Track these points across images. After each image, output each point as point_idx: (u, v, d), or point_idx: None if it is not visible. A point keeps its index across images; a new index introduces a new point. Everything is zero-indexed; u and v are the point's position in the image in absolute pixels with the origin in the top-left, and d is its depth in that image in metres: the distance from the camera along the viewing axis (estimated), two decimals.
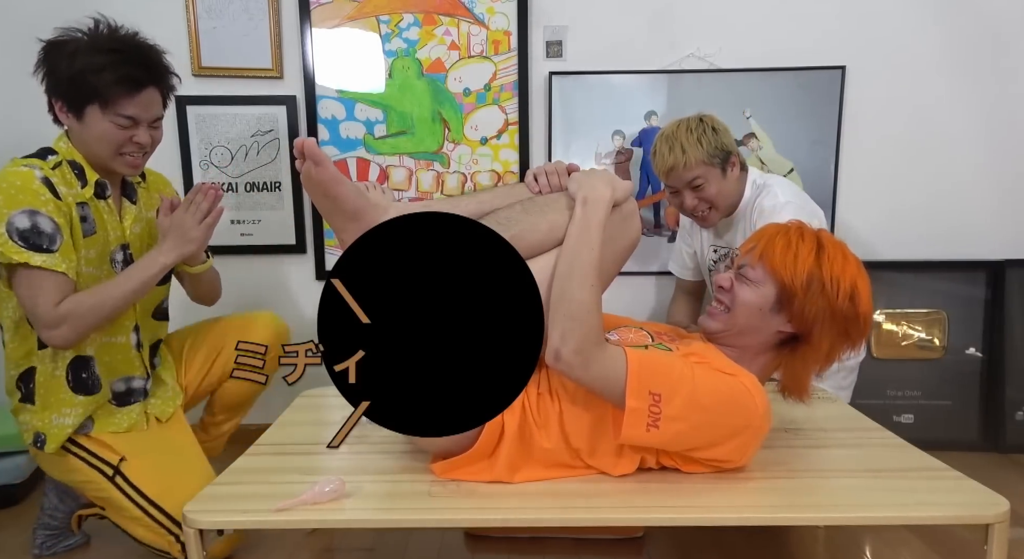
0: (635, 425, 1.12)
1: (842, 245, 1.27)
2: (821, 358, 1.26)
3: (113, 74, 1.42)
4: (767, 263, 1.25)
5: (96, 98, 1.43)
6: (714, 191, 1.81)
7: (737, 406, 1.15)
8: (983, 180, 2.29)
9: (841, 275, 1.21)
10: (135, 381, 1.61)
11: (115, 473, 1.52)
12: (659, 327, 1.43)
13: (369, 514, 1.14)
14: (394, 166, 2.31)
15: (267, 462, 1.31)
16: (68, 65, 1.43)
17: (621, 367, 1.12)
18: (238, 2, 2.21)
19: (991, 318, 2.27)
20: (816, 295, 1.20)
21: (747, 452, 1.21)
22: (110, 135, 1.47)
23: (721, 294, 1.31)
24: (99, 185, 1.53)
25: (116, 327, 1.56)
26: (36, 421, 1.52)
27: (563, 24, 2.25)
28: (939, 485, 1.18)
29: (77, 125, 1.48)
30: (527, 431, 1.21)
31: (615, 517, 1.14)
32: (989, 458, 2.20)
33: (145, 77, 1.47)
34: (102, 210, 1.53)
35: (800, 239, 1.25)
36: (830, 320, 1.22)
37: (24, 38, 2.23)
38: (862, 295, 1.23)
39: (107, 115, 1.45)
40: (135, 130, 1.49)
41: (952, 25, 2.22)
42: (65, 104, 1.47)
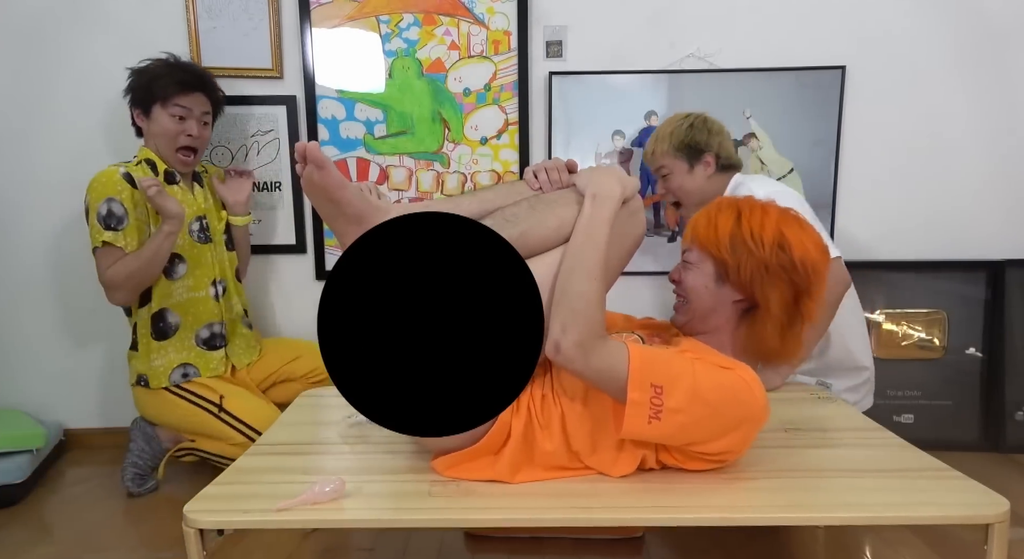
0: (637, 416, 1.12)
1: (763, 204, 1.28)
2: (779, 314, 1.23)
3: (171, 79, 1.93)
4: (696, 241, 1.29)
5: (159, 96, 1.92)
6: (676, 184, 1.91)
7: (737, 399, 1.15)
8: (983, 180, 2.29)
9: (761, 228, 1.22)
10: (215, 326, 2.03)
11: (220, 409, 1.95)
12: (648, 326, 1.44)
13: (369, 514, 1.14)
14: (394, 166, 2.31)
15: (267, 462, 1.31)
16: (143, 80, 1.95)
17: (622, 359, 1.12)
18: (238, 2, 2.21)
19: (991, 318, 2.27)
20: (743, 254, 1.22)
21: (746, 444, 1.21)
22: (169, 127, 1.93)
23: (676, 288, 1.34)
24: (168, 174, 1.97)
25: (196, 283, 2.00)
26: (139, 364, 1.98)
27: (563, 24, 2.25)
28: (939, 485, 1.17)
29: (147, 124, 1.96)
30: (531, 433, 1.21)
31: (614, 517, 1.14)
32: (989, 458, 2.20)
33: (195, 82, 1.97)
34: (175, 193, 1.96)
35: (718, 211, 1.29)
36: (766, 273, 1.21)
37: (22, 37, 2.24)
38: (791, 241, 1.21)
39: (166, 108, 1.93)
40: (187, 123, 1.94)
41: (952, 25, 2.22)
42: (140, 109, 1.96)
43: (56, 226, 2.31)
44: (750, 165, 2.23)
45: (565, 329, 1.13)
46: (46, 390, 2.38)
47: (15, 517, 1.90)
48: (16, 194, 2.29)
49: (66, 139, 2.27)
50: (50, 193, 2.29)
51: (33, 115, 2.27)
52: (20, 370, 2.37)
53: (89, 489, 2.06)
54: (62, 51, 2.23)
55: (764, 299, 1.23)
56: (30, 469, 2.04)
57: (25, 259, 2.32)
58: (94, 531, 1.78)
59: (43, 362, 2.37)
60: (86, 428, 2.39)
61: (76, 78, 2.24)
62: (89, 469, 2.20)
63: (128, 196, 1.86)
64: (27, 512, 1.92)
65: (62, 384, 2.38)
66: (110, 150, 2.27)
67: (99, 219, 1.83)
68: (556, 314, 1.15)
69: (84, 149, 2.27)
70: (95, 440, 2.37)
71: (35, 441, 2.10)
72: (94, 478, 2.13)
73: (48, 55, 2.24)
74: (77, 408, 2.39)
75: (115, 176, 1.86)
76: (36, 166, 2.29)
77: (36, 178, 2.29)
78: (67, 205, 2.29)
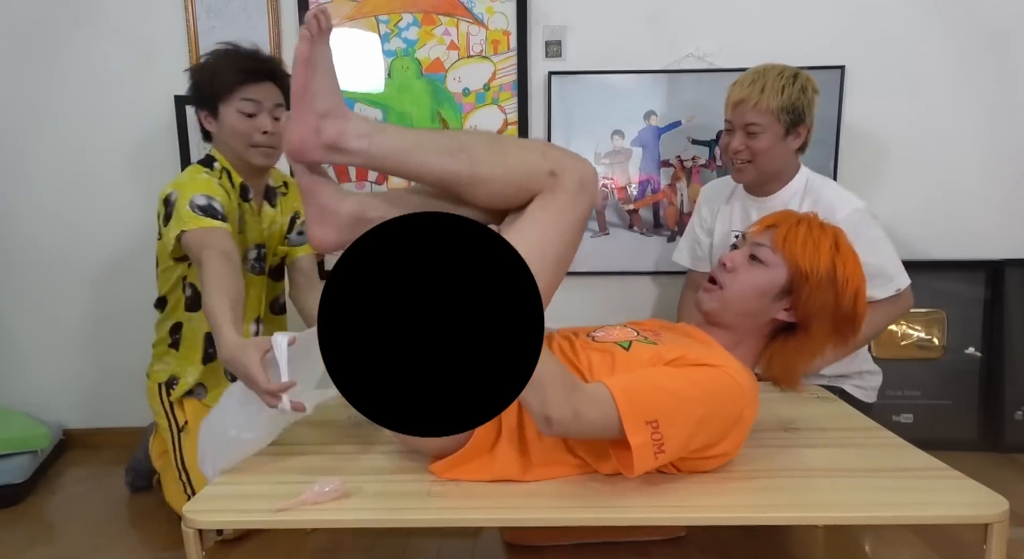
0: (644, 458, 1.09)
1: (852, 248, 1.28)
2: (814, 350, 1.27)
3: (233, 69, 1.69)
4: (787, 250, 1.24)
5: (224, 92, 1.69)
6: (764, 146, 1.71)
7: (727, 396, 1.14)
8: (983, 180, 2.29)
9: (851, 276, 1.23)
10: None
11: (179, 431, 1.80)
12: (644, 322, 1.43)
13: (369, 514, 1.14)
14: None
15: (267, 462, 1.31)
16: (204, 77, 1.72)
17: (609, 404, 1.09)
18: (237, 2, 2.21)
19: (990, 318, 2.27)
20: (826, 289, 1.22)
21: (744, 435, 1.21)
22: (239, 125, 1.70)
23: (720, 272, 1.30)
24: (243, 188, 1.77)
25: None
26: (177, 366, 1.81)
27: (562, 24, 2.25)
28: (939, 485, 1.17)
29: (216, 127, 1.74)
30: (523, 428, 1.21)
31: (614, 517, 1.14)
32: (989, 458, 2.20)
33: (260, 69, 1.72)
34: (246, 211, 1.78)
35: (821, 232, 1.26)
36: (831, 316, 1.23)
37: (22, 37, 2.24)
38: (862, 299, 1.25)
39: (232, 103, 1.69)
40: (258, 118, 1.71)
41: (952, 25, 2.22)
42: (207, 110, 1.74)
43: (57, 226, 2.31)
44: None
45: (543, 402, 1.08)
46: (46, 390, 2.38)
47: (16, 517, 1.90)
48: (16, 194, 2.29)
49: (66, 139, 2.27)
50: (50, 193, 2.29)
51: (33, 115, 2.27)
52: (20, 370, 2.37)
53: (89, 489, 2.07)
54: (62, 51, 2.23)
55: (815, 333, 1.25)
56: (31, 469, 2.04)
57: (25, 259, 2.32)
58: (95, 531, 1.79)
59: (43, 362, 2.37)
60: (86, 428, 2.39)
61: (76, 78, 2.24)
62: (89, 469, 2.21)
63: (225, 200, 1.67)
64: (28, 512, 1.92)
65: (62, 384, 2.38)
66: (110, 150, 2.27)
67: (195, 209, 1.59)
68: (525, 397, 1.11)
69: (84, 149, 2.27)
70: (95, 440, 2.37)
71: (38, 442, 2.11)
72: (94, 478, 2.13)
73: (48, 55, 2.24)
74: (77, 408, 2.39)
75: (213, 182, 1.68)
76: (36, 166, 2.29)
77: (36, 178, 2.29)
78: (68, 206, 2.29)
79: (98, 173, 2.29)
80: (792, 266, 1.24)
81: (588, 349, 1.27)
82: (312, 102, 1.19)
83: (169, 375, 1.83)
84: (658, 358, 1.20)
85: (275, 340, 1.22)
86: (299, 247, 1.92)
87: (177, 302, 1.82)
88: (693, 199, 2.30)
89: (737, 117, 1.73)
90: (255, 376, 1.19)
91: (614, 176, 2.31)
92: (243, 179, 1.77)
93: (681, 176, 2.30)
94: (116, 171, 2.29)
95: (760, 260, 1.26)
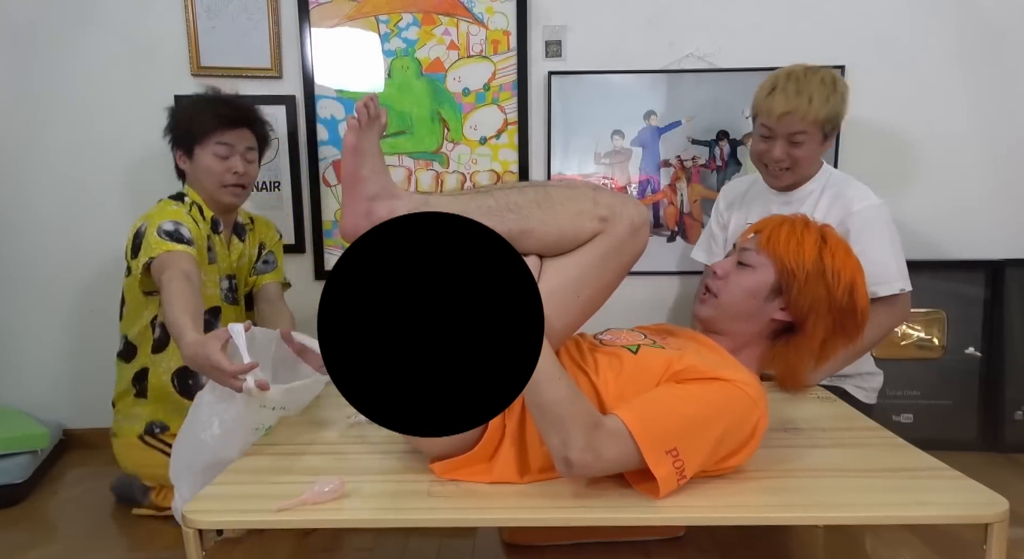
0: (669, 485, 1.10)
1: (843, 242, 1.29)
2: (815, 349, 1.27)
3: (211, 114, 1.79)
4: (771, 249, 1.26)
5: (200, 135, 1.78)
6: (805, 154, 1.72)
7: (741, 412, 1.14)
8: (982, 179, 2.29)
9: (842, 268, 1.23)
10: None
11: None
12: (650, 326, 1.44)
13: (369, 514, 1.14)
14: (393, 166, 2.30)
15: (267, 462, 1.31)
16: (182, 120, 1.82)
17: (627, 438, 1.08)
18: (237, 2, 2.21)
19: (990, 318, 2.27)
20: (815, 284, 1.22)
21: (757, 444, 1.21)
22: (213, 166, 1.79)
23: (712, 280, 1.32)
24: (214, 221, 1.85)
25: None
26: (151, 413, 1.82)
27: (562, 24, 2.25)
28: (939, 485, 1.17)
29: (191, 166, 1.82)
30: (523, 432, 1.21)
31: (613, 517, 1.14)
32: (988, 458, 2.20)
33: (237, 116, 1.82)
34: (216, 242, 1.85)
35: (805, 229, 1.27)
36: (826, 311, 1.23)
37: (22, 37, 2.24)
38: (860, 291, 1.25)
39: (208, 146, 1.79)
40: (231, 160, 1.80)
41: (952, 24, 2.22)
42: (182, 151, 1.83)
43: (56, 226, 2.31)
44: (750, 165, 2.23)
45: (565, 442, 1.08)
46: (46, 390, 2.38)
47: (16, 517, 1.90)
48: (16, 194, 2.29)
49: (66, 139, 2.27)
50: (50, 194, 2.29)
51: (33, 114, 2.27)
52: (20, 370, 2.37)
53: (89, 489, 2.06)
54: (62, 51, 2.23)
55: (812, 330, 1.25)
56: (31, 469, 2.04)
57: (25, 259, 2.32)
58: (95, 531, 1.78)
59: (43, 362, 2.37)
60: (86, 428, 2.39)
61: (76, 78, 2.24)
62: (89, 469, 2.20)
63: (194, 229, 1.72)
64: (28, 512, 1.92)
65: (62, 384, 2.38)
66: (110, 150, 2.27)
67: (160, 233, 1.65)
68: (546, 432, 1.10)
69: (84, 149, 2.27)
70: (95, 440, 2.36)
71: (38, 442, 2.11)
72: (94, 478, 2.13)
73: (48, 55, 2.23)
74: (77, 408, 2.39)
75: (182, 213, 1.74)
76: (35, 166, 2.29)
77: (36, 179, 2.29)
78: (67, 205, 2.29)
79: (97, 173, 2.29)
80: (778, 264, 1.25)
81: (595, 352, 1.27)
82: (362, 189, 1.24)
83: (146, 423, 1.83)
84: (667, 365, 1.19)
85: (231, 328, 1.29)
86: (265, 275, 2.02)
87: (145, 346, 1.83)
88: (693, 199, 2.30)
89: (783, 127, 1.70)
90: (219, 362, 1.22)
91: (614, 176, 2.31)
92: (214, 214, 1.85)
93: (681, 176, 2.31)
94: (115, 171, 2.29)
95: (747, 264, 1.28)
